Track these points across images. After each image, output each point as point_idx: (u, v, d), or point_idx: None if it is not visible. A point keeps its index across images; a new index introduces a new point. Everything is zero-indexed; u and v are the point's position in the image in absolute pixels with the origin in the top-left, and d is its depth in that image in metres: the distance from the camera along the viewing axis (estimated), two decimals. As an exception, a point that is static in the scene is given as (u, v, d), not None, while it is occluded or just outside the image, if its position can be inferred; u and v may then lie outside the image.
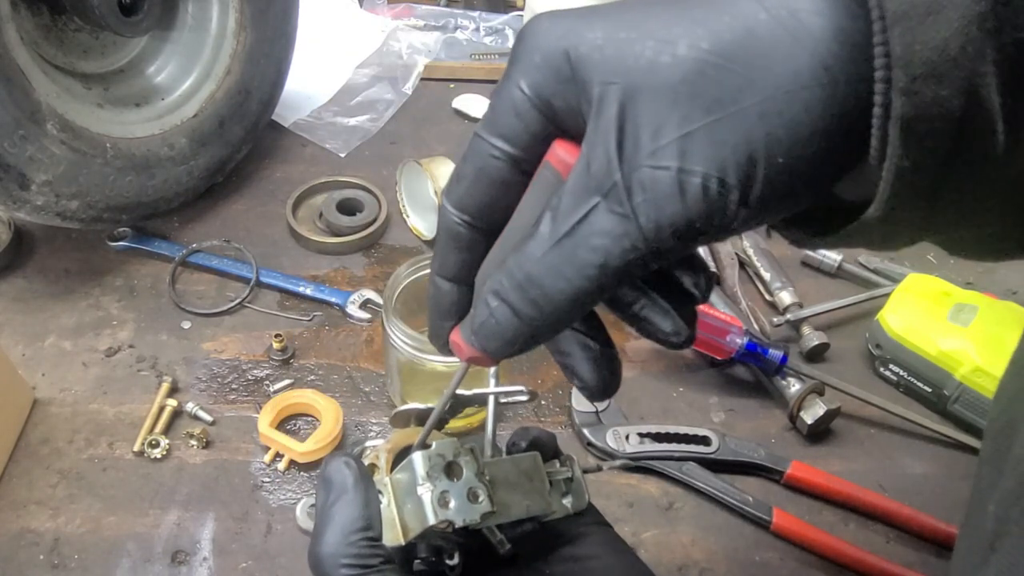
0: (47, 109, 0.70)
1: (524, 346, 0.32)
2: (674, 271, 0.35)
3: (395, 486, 0.38)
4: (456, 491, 0.37)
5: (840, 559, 0.64)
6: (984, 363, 0.70)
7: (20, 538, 0.62)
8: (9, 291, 0.81)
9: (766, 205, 0.28)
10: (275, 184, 0.95)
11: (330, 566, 0.37)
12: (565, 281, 0.30)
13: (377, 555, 0.37)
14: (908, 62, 0.25)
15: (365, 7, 1.26)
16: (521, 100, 0.30)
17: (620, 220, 0.28)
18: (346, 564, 0.37)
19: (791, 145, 0.27)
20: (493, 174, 0.32)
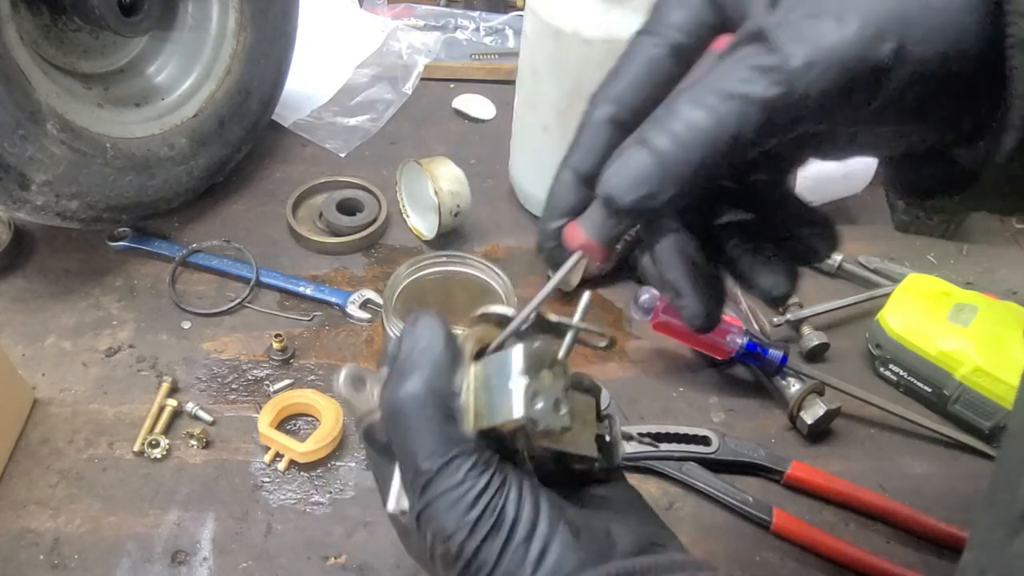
0: (47, 109, 0.70)
1: (651, 197, 0.31)
2: (794, 228, 0.37)
3: (478, 374, 0.37)
4: (544, 395, 0.35)
5: (840, 559, 0.64)
6: (984, 363, 0.70)
7: (20, 538, 0.62)
8: (9, 291, 0.81)
9: (903, 96, 0.30)
10: (275, 184, 0.95)
11: (414, 413, 0.35)
12: (707, 110, 0.30)
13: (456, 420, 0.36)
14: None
15: (365, 7, 1.26)
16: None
17: (769, 56, 0.29)
18: (430, 416, 0.35)
19: (935, 42, 0.29)
20: (653, 66, 0.34)
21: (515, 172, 0.94)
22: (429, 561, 0.37)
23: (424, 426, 0.35)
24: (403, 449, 0.36)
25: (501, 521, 0.35)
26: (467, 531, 0.34)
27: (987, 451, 0.73)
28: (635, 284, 0.86)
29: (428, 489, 0.35)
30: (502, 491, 0.35)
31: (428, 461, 0.35)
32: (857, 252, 0.91)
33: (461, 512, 0.34)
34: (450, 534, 0.34)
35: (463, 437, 0.36)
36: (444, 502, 0.35)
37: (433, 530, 0.35)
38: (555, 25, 0.75)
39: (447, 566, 0.35)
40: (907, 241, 0.95)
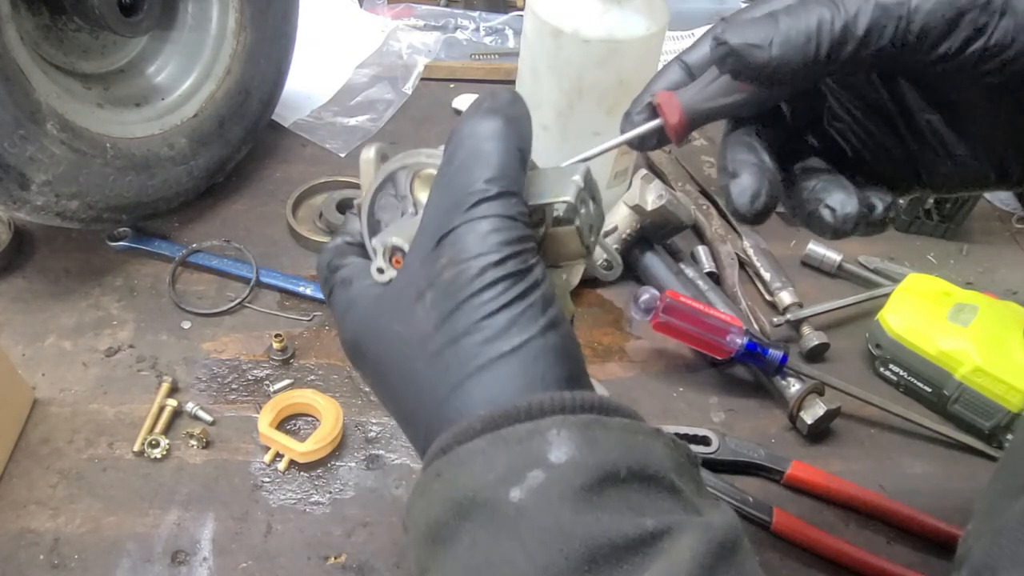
0: (47, 109, 0.70)
1: (759, 48, 0.34)
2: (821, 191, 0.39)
3: (536, 174, 0.39)
4: (587, 204, 0.39)
5: (840, 559, 0.64)
6: (984, 363, 0.70)
7: (20, 538, 0.62)
8: (9, 291, 0.81)
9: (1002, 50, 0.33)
10: (275, 184, 0.95)
11: (491, 137, 0.36)
12: (829, 4, 0.34)
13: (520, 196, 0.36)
14: None
15: (365, 7, 1.26)
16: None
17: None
18: (506, 148, 0.36)
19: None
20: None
21: (515, 172, 0.94)
22: (412, 300, 0.36)
23: (498, 151, 0.36)
24: (462, 169, 0.36)
25: (528, 272, 0.35)
26: (495, 258, 0.34)
27: (987, 451, 0.73)
28: (635, 284, 0.86)
29: (477, 208, 0.35)
30: (534, 255, 0.36)
31: (489, 183, 0.35)
32: (857, 252, 0.91)
33: (499, 240, 0.34)
34: (476, 254, 0.34)
35: (523, 184, 0.37)
36: (488, 224, 0.34)
37: (457, 249, 0.34)
38: (555, 25, 0.75)
39: (447, 294, 0.34)
40: (907, 241, 0.95)
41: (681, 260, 0.87)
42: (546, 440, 0.31)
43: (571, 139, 0.83)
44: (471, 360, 0.34)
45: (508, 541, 0.30)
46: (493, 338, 0.34)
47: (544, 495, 0.30)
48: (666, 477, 0.32)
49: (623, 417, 0.34)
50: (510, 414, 0.32)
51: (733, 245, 0.88)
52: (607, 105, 0.80)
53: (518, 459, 0.31)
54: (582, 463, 0.31)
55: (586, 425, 0.32)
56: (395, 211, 0.43)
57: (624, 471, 0.31)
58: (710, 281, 0.84)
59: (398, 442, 0.70)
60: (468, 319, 0.34)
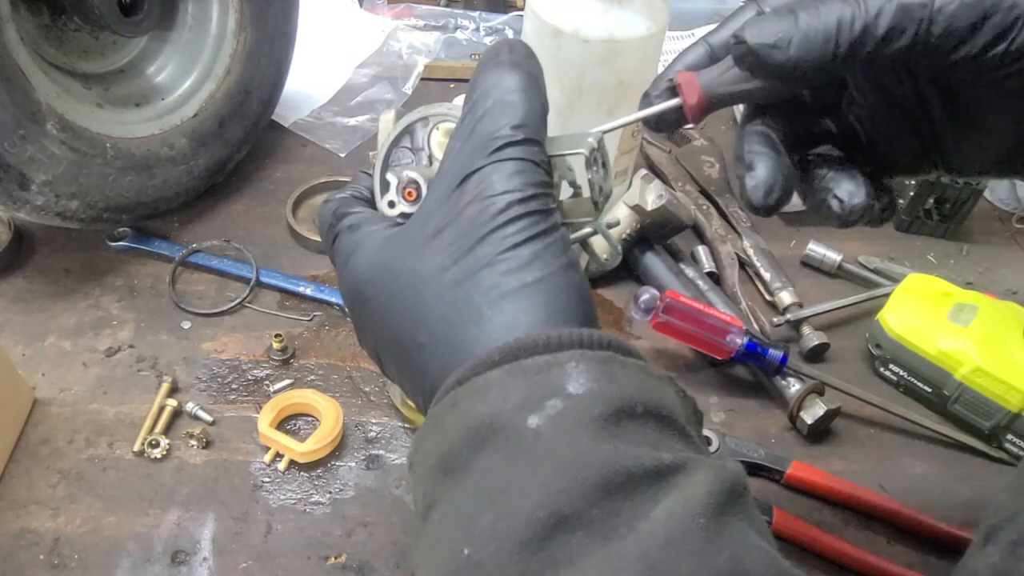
0: (47, 109, 0.70)
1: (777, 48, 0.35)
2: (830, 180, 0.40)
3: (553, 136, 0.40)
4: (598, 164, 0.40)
5: (840, 559, 0.64)
6: (984, 363, 0.70)
7: (20, 538, 0.62)
8: (9, 291, 0.81)
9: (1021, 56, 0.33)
10: (275, 184, 0.95)
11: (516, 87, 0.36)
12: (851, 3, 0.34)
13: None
14: None
15: (365, 7, 1.26)
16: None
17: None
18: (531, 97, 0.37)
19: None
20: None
21: (515, 172, 0.94)
22: (429, 237, 0.36)
23: (523, 101, 0.36)
24: (488, 116, 0.36)
25: (550, 214, 0.36)
26: (520, 196, 0.34)
27: (987, 451, 0.73)
28: (635, 284, 0.86)
29: (504, 151, 0.35)
30: (554, 200, 0.36)
31: (516, 130, 0.36)
32: (857, 252, 0.91)
33: (523, 181, 0.35)
34: (501, 191, 0.34)
35: (545, 136, 0.37)
36: (513, 165, 0.35)
37: (482, 187, 0.35)
38: (555, 25, 0.75)
39: (470, 229, 0.35)
40: (907, 241, 0.95)
41: (681, 260, 0.87)
42: (565, 372, 0.31)
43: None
44: (492, 289, 0.34)
45: (523, 467, 0.30)
46: (516, 269, 0.34)
47: (561, 423, 0.30)
48: (678, 421, 0.32)
49: (638, 359, 0.34)
50: (528, 346, 0.32)
51: (733, 245, 0.88)
52: (607, 105, 0.80)
53: (536, 388, 0.31)
54: (600, 395, 0.31)
55: (604, 361, 0.32)
56: (409, 166, 0.43)
57: (640, 407, 0.31)
58: (710, 281, 0.84)
59: (398, 442, 0.71)
60: (491, 250, 0.34)
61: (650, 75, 0.84)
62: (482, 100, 0.37)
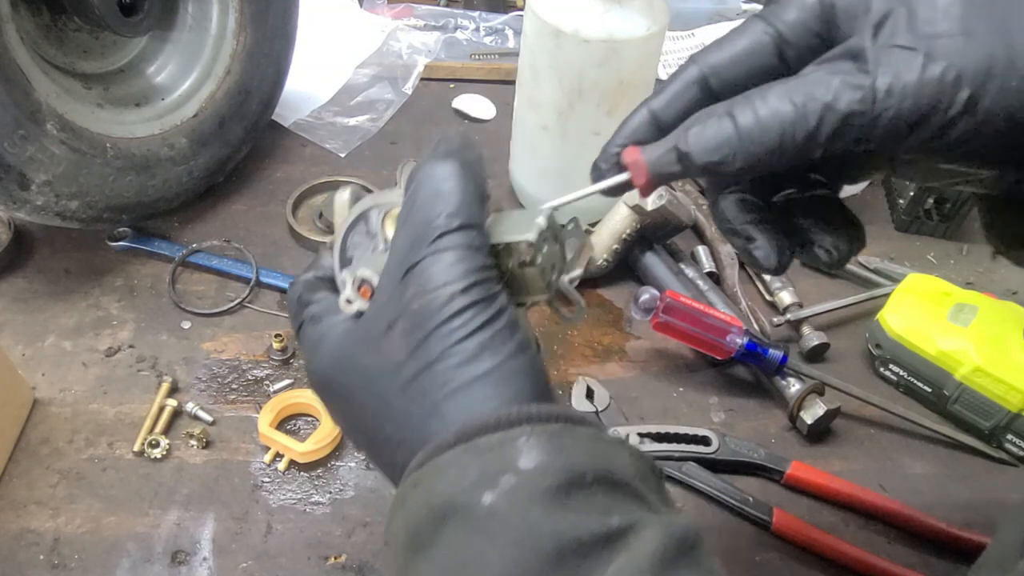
0: (47, 109, 0.70)
1: (722, 164, 0.35)
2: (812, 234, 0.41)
3: (499, 217, 0.40)
4: (550, 244, 0.40)
5: (840, 559, 0.64)
6: (984, 363, 0.70)
7: (20, 538, 0.62)
8: (9, 291, 0.81)
9: (984, 130, 0.33)
10: (275, 184, 0.95)
11: (451, 177, 0.37)
12: (791, 106, 0.34)
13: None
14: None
15: (365, 7, 1.26)
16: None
17: (859, 75, 0.33)
18: (465, 187, 0.37)
19: (1011, 101, 0.32)
20: (754, 48, 0.38)
21: (515, 172, 0.94)
22: (382, 332, 0.36)
23: (457, 189, 0.37)
24: (424, 206, 0.37)
25: (494, 299, 0.36)
26: (461, 286, 0.35)
27: (987, 451, 0.73)
28: (635, 284, 0.86)
29: (440, 240, 0.36)
30: (498, 284, 0.37)
31: (450, 218, 0.36)
32: (857, 252, 0.91)
33: (463, 269, 0.35)
34: (442, 284, 0.35)
35: (484, 220, 0.38)
36: (452, 255, 0.36)
37: (423, 281, 0.35)
38: (555, 25, 0.75)
39: (416, 323, 0.35)
40: (907, 241, 0.95)
41: (681, 260, 0.87)
42: (516, 447, 0.33)
43: (571, 139, 0.83)
44: (446, 384, 0.35)
45: (481, 541, 0.31)
46: (466, 362, 0.35)
47: (515, 497, 0.32)
48: (630, 484, 0.34)
49: (589, 427, 0.35)
50: (482, 426, 0.34)
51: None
52: (607, 105, 0.80)
53: (490, 465, 0.32)
54: (550, 467, 0.32)
55: (554, 434, 0.33)
56: (366, 248, 0.44)
57: (590, 475, 0.32)
58: (710, 281, 0.84)
59: (398, 442, 0.70)
60: (440, 345, 0.35)
61: (650, 75, 0.85)
62: (418, 190, 0.37)
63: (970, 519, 0.68)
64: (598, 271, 0.85)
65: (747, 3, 1.31)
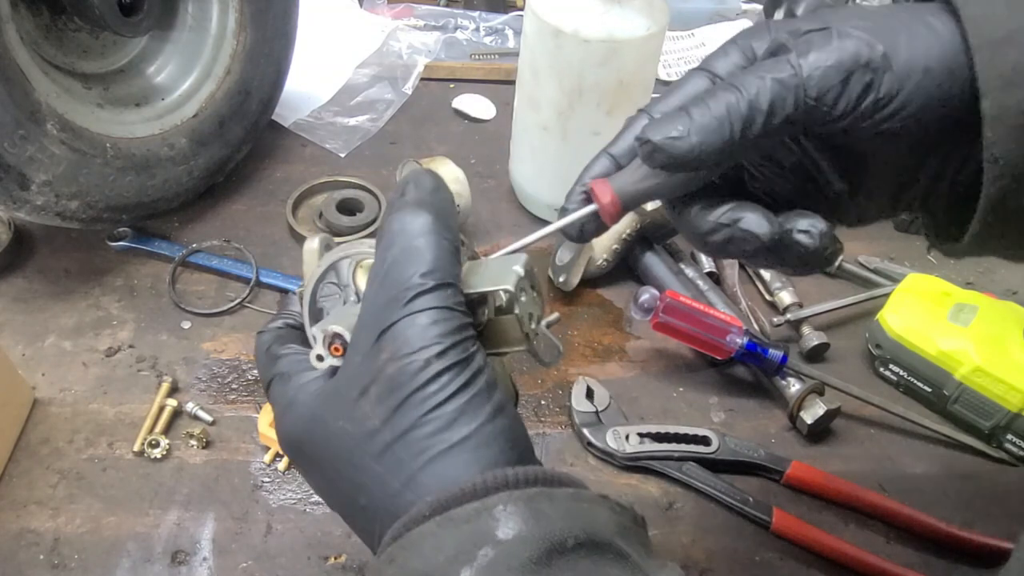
0: (47, 109, 0.70)
1: (679, 139, 0.38)
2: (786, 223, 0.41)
3: (474, 265, 0.41)
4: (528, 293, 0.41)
5: (840, 559, 0.64)
6: (984, 363, 0.70)
7: (20, 538, 0.62)
8: (9, 291, 0.81)
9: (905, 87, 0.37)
10: (275, 184, 0.95)
11: (424, 232, 0.36)
12: (733, 90, 0.37)
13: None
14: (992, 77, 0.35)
15: (365, 7, 1.26)
16: (732, 47, 0.42)
17: (789, 56, 0.37)
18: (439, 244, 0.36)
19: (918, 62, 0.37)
20: (694, 94, 0.41)
21: (515, 172, 0.94)
22: (356, 395, 0.36)
23: (431, 246, 0.36)
24: (396, 265, 0.36)
25: (470, 360, 0.35)
26: (437, 350, 0.34)
27: (987, 451, 0.73)
28: (635, 284, 0.86)
29: (415, 302, 0.35)
30: (474, 343, 0.36)
31: (424, 277, 0.35)
32: (857, 252, 0.91)
33: (439, 332, 0.35)
34: (418, 348, 0.34)
35: (459, 274, 0.37)
36: (426, 317, 0.35)
37: (398, 344, 0.35)
38: (555, 25, 0.75)
39: (391, 389, 0.35)
40: (907, 241, 0.95)
41: (681, 260, 0.87)
42: (493, 517, 0.32)
43: (571, 139, 0.83)
44: (422, 453, 0.34)
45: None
46: (443, 429, 0.34)
47: (494, 571, 0.31)
48: (612, 543, 0.33)
49: (568, 487, 0.35)
50: (457, 495, 0.33)
51: (733, 245, 0.88)
52: (607, 105, 0.80)
53: (467, 538, 0.32)
54: (529, 537, 0.31)
55: (531, 498, 0.32)
56: (337, 300, 0.44)
57: (571, 541, 0.32)
58: (710, 281, 0.84)
59: (398, 442, 0.70)
60: (415, 412, 0.34)
61: (650, 75, 0.85)
62: (390, 248, 0.37)
63: (970, 519, 0.68)
64: (598, 271, 0.85)
65: (747, 3, 1.31)
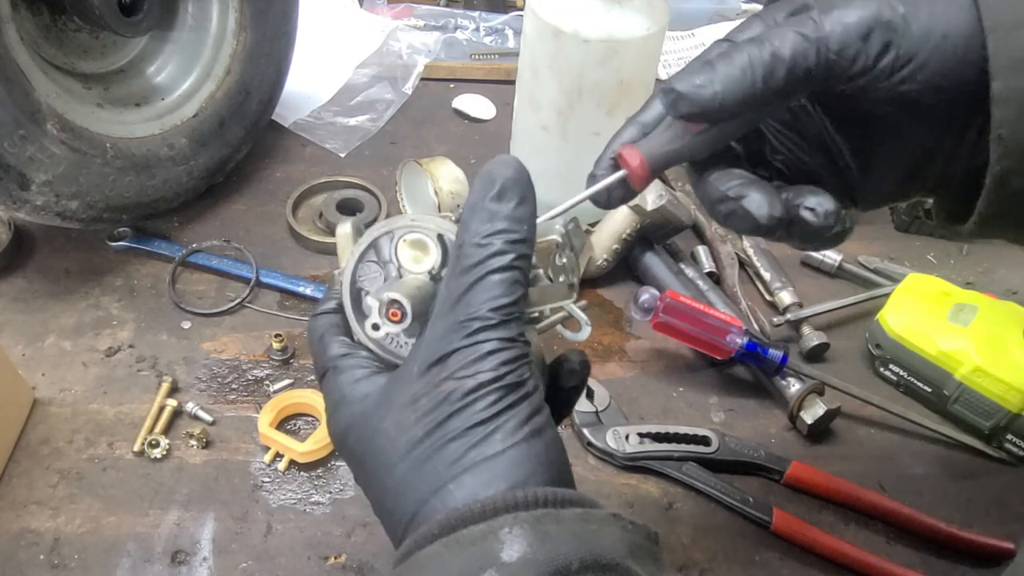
0: (47, 109, 0.70)
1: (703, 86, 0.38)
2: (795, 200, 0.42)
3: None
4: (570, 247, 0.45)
5: (840, 559, 0.64)
6: (984, 363, 0.70)
7: (20, 538, 0.62)
8: (9, 291, 0.81)
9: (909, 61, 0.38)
10: (275, 184, 0.95)
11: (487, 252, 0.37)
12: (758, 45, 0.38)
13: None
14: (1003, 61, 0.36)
15: (365, 7, 1.26)
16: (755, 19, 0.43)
17: (812, 13, 0.39)
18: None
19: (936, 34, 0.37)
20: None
21: (515, 172, 0.94)
22: (406, 404, 0.37)
23: (510, 278, 0.37)
24: (474, 291, 0.37)
25: (521, 385, 0.36)
26: (493, 375, 0.35)
27: (987, 451, 0.73)
28: (635, 284, 0.86)
29: (481, 334, 0.36)
30: (529, 370, 0.37)
31: (495, 312, 0.36)
32: (857, 252, 0.91)
33: (498, 361, 0.36)
34: (475, 372, 0.35)
35: (524, 307, 0.38)
36: (488, 346, 0.36)
37: (460, 366, 0.36)
38: (555, 25, 0.75)
39: (441, 403, 0.36)
40: (907, 241, 0.95)
41: (681, 260, 0.87)
42: (499, 539, 0.32)
43: (571, 139, 0.83)
44: (456, 463, 0.35)
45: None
46: (480, 442, 0.35)
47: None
48: (621, 564, 0.32)
49: (577, 507, 0.34)
50: (465, 516, 0.33)
51: (733, 245, 0.88)
52: (607, 105, 0.80)
53: (472, 561, 0.32)
54: (533, 560, 0.31)
55: (538, 520, 0.32)
56: (377, 279, 0.44)
57: (576, 564, 0.31)
58: (710, 281, 0.84)
59: (398, 442, 0.70)
60: (460, 424, 0.35)
61: (650, 75, 0.85)
62: (469, 266, 0.37)
63: (970, 519, 0.68)
64: (598, 271, 0.85)
65: (747, 3, 1.31)
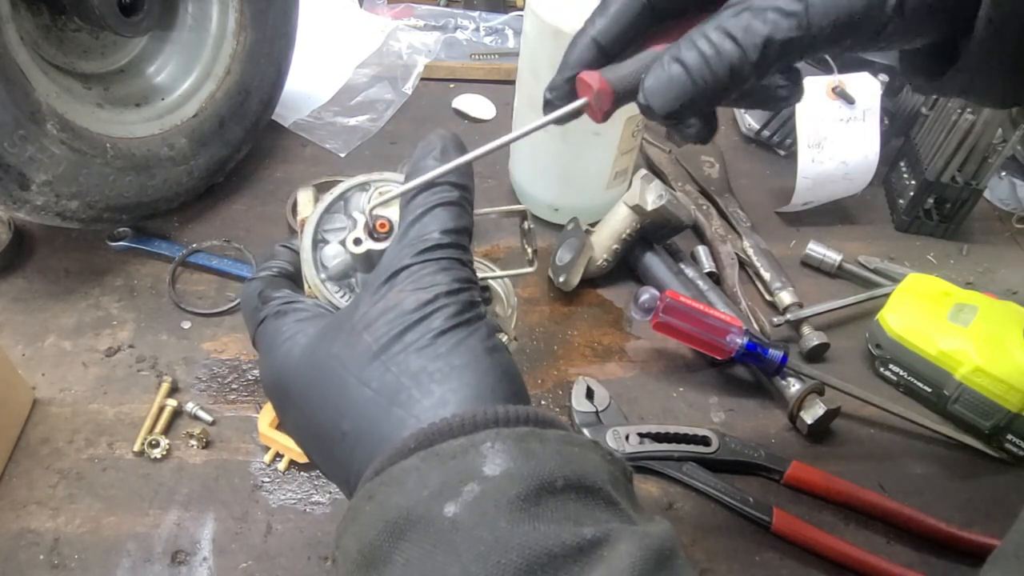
0: (47, 109, 0.70)
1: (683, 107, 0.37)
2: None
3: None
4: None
5: (840, 559, 0.64)
6: (984, 363, 0.70)
7: (20, 538, 0.62)
8: (9, 291, 0.81)
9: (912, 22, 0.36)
10: (275, 184, 0.95)
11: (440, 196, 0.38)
12: (733, 43, 0.36)
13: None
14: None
15: (365, 7, 1.26)
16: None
17: (793, 2, 0.35)
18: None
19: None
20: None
21: (515, 172, 0.94)
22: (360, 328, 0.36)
23: (454, 213, 0.38)
24: (421, 221, 0.38)
25: (475, 305, 0.37)
26: (446, 288, 0.36)
27: (987, 451, 0.73)
28: (635, 284, 0.86)
29: (433, 251, 0.37)
30: (480, 296, 0.38)
31: (444, 234, 0.38)
32: (857, 252, 0.91)
33: (451, 277, 0.37)
34: (430, 285, 0.36)
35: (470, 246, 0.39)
36: (439, 264, 0.37)
37: (413, 279, 0.36)
38: (555, 25, 0.75)
39: (397, 317, 0.36)
40: (907, 241, 0.95)
41: (681, 260, 0.87)
42: (480, 453, 0.31)
43: (571, 139, 0.83)
44: (420, 372, 0.34)
45: (443, 557, 0.29)
46: (444, 354, 0.35)
47: (479, 507, 0.30)
48: (603, 489, 0.32)
49: (559, 429, 0.34)
50: (444, 430, 0.32)
51: (733, 245, 0.88)
52: (607, 105, 0.79)
53: (452, 474, 0.31)
54: (517, 474, 0.30)
55: (521, 437, 0.32)
56: (343, 231, 0.44)
57: (560, 481, 0.31)
58: (710, 281, 0.84)
59: (398, 442, 0.70)
60: (418, 337, 0.35)
61: (650, 75, 0.85)
62: (415, 207, 0.39)
63: (970, 519, 0.68)
64: (598, 271, 0.85)
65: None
